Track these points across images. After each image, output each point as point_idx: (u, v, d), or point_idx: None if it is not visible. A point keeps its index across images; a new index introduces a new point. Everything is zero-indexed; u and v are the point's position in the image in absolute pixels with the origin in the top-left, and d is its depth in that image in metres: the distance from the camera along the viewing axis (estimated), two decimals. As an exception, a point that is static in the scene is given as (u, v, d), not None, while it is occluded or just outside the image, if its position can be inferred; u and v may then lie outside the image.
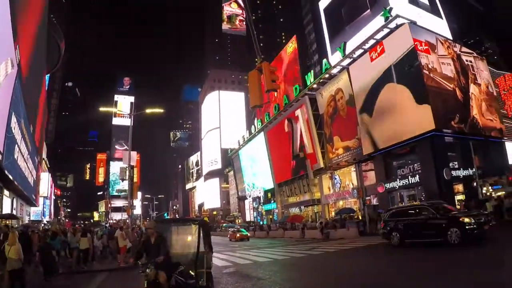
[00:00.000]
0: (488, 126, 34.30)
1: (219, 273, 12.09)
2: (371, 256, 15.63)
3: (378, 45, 31.93)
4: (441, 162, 27.62)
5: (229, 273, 12.12)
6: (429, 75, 28.38)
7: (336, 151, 37.87)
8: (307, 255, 17.21)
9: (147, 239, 6.79)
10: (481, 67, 37.81)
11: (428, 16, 35.39)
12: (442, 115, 28.04)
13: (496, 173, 34.92)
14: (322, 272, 11.89)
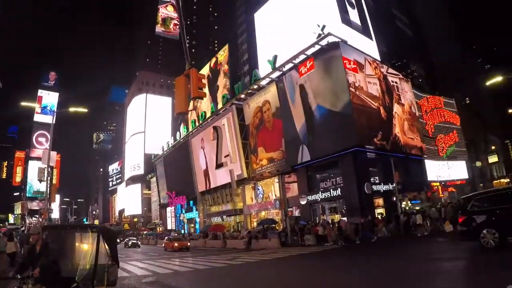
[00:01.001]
0: (409, 144, 37.29)
1: (138, 282, 12.00)
2: (285, 265, 16.05)
3: (308, 61, 33.32)
4: (362, 176, 29.33)
5: (148, 283, 11.94)
6: (355, 93, 30.23)
7: (260, 162, 38.69)
8: (228, 265, 17.28)
9: (33, 248, 5.92)
10: (405, 88, 41.19)
11: (359, 36, 37.86)
12: (366, 132, 30.04)
13: (415, 188, 38.14)
14: (242, 282, 12.06)
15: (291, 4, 38.92)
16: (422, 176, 40.77)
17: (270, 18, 41.93)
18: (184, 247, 32.85)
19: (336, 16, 35.85)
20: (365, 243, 22.39)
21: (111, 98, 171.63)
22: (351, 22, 38.17)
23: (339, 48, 31.20)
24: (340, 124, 29.74)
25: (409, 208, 31.42)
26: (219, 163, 45.39)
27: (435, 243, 18.50)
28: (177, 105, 9.65)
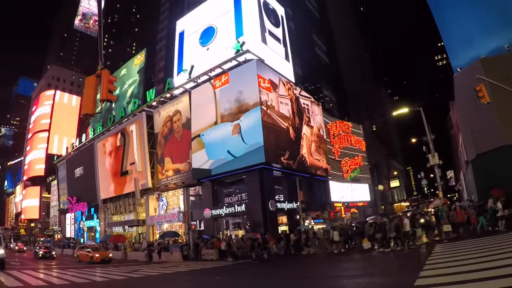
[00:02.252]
0: (315, 165, 40.04)
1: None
2: (185, 281, 16.33)
3: (224, 75, 34.57)
4: (267, 194, 30.80)
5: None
6: (266, 111, 32.00)
7: (166, 173, 38.78)
8: (128, 277, 17.24)
9: None
10: (316, 111, 44.68)
11: (277, 57, 39.88)
12: (273, 150, 31.63)
13: (319, 208, 41.18)
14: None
15: (214, 16, 40.11)
16: (326, 197, 44.10)
17: (192, 28, 42.58)
18: (106, 258, 29.10)
19: (256, 34, 37.42)
20: (260, 259, 23.36)
21: (19, 90, 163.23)
22: (271, 42, 39.98)
23: (255, 66, 32.82)
24: (249, 141, 31.35)
25: (307, 225, 33.09)
26: (124, 171, 44.32)
27: (329, 261, 19.83)
28: (84, 106, 9.35)
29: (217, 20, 39.49)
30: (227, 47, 35.32)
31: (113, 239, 38.39)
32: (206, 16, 41.19)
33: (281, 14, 43.88)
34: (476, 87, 18.01)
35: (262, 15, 38.94)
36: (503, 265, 8.85)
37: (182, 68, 40.38)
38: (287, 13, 48.87)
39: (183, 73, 39.35)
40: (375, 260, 17.40)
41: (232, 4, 38.33)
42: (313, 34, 78.29)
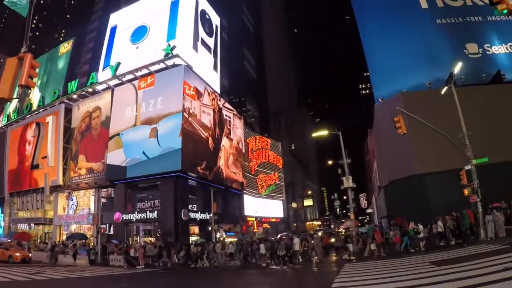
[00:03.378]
0: (231, 178, 41.37)
1: None
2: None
3: (150, 77, 34.72)
4: (181, 202, 31.32)
5: None
6: (188, 119, 32.66)
7: (78, 171, 37.52)
8: (31, 279, 16.64)
9: None
10: (237, 124, 46.32)
11: (205, 66, 40.74)
12: (191, 159, 32.31)
13: (231, 221, 42.56)
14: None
15: (149, 15, 39.75)
16: (240, 210, 45.50)
17: (125, 24, 41.76)
18: (27, 258, 26.69)
19: (188, 40, 38.02)
20: (167, 269, 23.56)
21: None
22: (202, 50, 40.77)
23: (183, 72, 33.47)
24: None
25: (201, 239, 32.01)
26: (34, 164, 41.62)
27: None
28: (0, 89, 8.93)
29: (151, 20, 39.28)
30: (157, 49, 35.37)
31: (17, 236, 35.61)
32: (142, 14, 40.74)
33: (216, 23, 45.11)
34: (394, 118, 19.93)
35: (197, 23, 39.78)
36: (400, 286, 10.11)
37: (109, 63, 39.38)
38: (222, 23, 50.28)
39: (108, 69, 38.49)
40: (275, 277, 18.07)
41: (169, 6, 38.51)
42: (244, 48, 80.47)
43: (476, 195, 20.38)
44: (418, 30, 38.26)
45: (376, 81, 39.36)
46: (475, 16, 38.45)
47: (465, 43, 37.24)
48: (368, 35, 39.86)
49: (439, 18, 38.51)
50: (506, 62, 37.00)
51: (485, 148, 23.34)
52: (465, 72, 33.26)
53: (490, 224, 19.64)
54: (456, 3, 39.06)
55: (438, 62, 34.97)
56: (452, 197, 24.08)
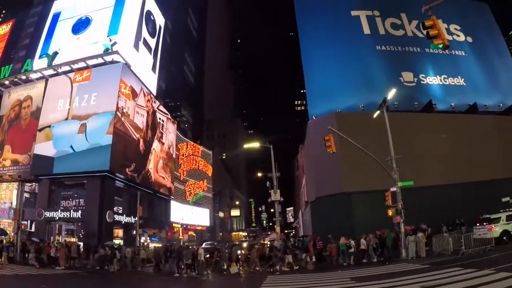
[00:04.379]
0: (159, 183, 41.48)
1: None
2: None
3: (87, 70, 34.27)
4: (107, 203, 31.09)
5: None
6: (121, 118, 32.59)
7: (3, 162, 35.80)
8: None
9: None
10: (170, 128, 46.49)
11: (144, 66, 40.93)
12: (120, 160, 32.26)
13: (157, 226, 42.50)
14: None
15: (94, 7, 38.49)
16: (166, 216, 45.43)
17: (69, 13, 40.17)
18: None
19: (130, 38, 38.04)
20: (88, 271, 22.91)
21: None
22: (143, 50, 40.98)
23: (120, 69, 33.49)
24: (97, 145, 31.35)
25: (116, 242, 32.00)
26: None
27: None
28: None
29: (96, 12, 38.45)
30: (97, 43, 35.15)
31: None
32: (87, 4, 39.66)
33: (160, 24, 45.41)
34: (325, 137, 20.65)
35: (141, 22, 39.94)
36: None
37: (46, 51, 37.78)
38: (167, 25, 50.58)
39: (45, 58, 37.16)
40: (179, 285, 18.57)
41: (114, 1, 38.29)
42: (186, 52, 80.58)
43: (400, 216, 21.46)
44: (358, 54, 40.21)
45: (311, 99, 40.35)
46: (413, 47, 41.98)
47: (402, 71, 40.06)
48: (309, 53, 41.21)
49: (380, 45, 41.14)
50: (438, 92, 40.64)
51: (411, 172, 24.95)
52: (399, 99, 35.52)
53: (412, 244, 20.93)
54: (397, 33, 42.39)
55: (374, 86, 36.93)
56: (377, 216, 25.01)
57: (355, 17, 42.56)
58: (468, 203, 29.69)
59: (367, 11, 42.86)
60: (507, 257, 15.23)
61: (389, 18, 43.00)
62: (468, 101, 40.64)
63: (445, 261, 17.14)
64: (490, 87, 43.22)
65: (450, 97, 40.91)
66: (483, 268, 12.89)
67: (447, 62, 42.79)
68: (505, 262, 13.67)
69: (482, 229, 20.84)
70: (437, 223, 27.34)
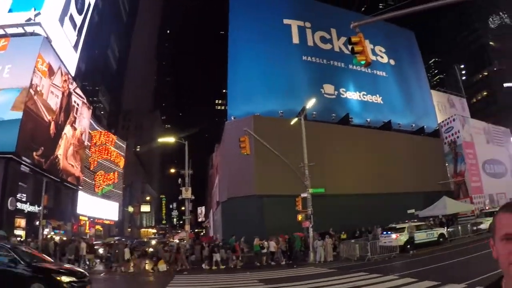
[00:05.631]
0: (68, 171, 38.96)
1: None
2: None
3: (4, 39, 31.36)
4: (9, 189, 28.36)
5: None
6: (33, 96, 30.06)
7: None
8: None
9: None
10: (85, 114, 43.84)
11: (66, 43, 38.55)
12: (28, 142, 29.76)
13: (62, 218, 39.80)
14: None
15: None
16: (73, 207, 42.91)
17: None
18: None
19: (56, 11, 35.71)
20: None
21: None
22: (67, 26, 38.65)
23: (40, 43, 31.17)
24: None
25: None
26: None
27: None
28: None
29: None
30: (21, 11, 32.67)
31: None
32: None
33: (90, 1, 43.19)
34: (240, 138, 20.99)
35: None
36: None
37: None
38: (97, 3, 48.17)
39: None
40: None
41: None
42: (112, 35, 77.13)
43: (309, 221, 22.67)
44: (284, 61, 41.41)
45: (232, 100, 40.56)
46: (338, 62, 44.45)
47: (324, 83, 42.18)
48: (236, 54, 41.26)
49: (306, 55, 42.98)
50: (356, 107, 43.51)
51: (323, 180, 26.77)
52: (318, 109, 37.27)
53: (320, 249, 22.26)
54: (324, 46, 44.61)
55: (295, 94, 38.19)
56: (288, 220, 26.08)
57: (287, 26, 43.99)
58: (377, 212, 32.11)
59: (299, 22, 44.50)
60: (410, 264, 17.02)
61: (319, 32, 45.11)
62: (383, 119, 44.27)
63: (351, 266, 18.57)
64: (405, 108, 47.41)
65: (367, 112, 44.10)
66: (387, 274, 14.18)
67: (368, 80, 45.97)
68: (409, 268, 15.23)
69: (388, 237, 23.11)
70: (346, 230, 30.06)
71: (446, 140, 47.18)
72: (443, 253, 20.10)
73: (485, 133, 50.80)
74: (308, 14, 45.20)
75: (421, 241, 23.60)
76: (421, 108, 49.86)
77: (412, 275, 13.15)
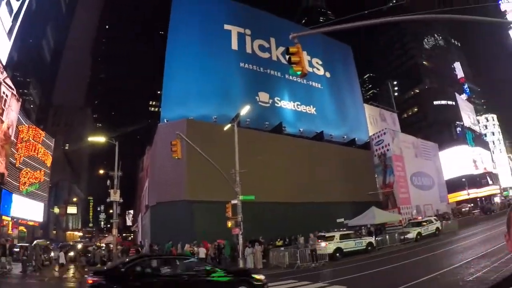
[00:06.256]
0: None
1: None
2: None
3: None
4: None
5: None
6: None
7: None
8: None
9: None
10: (13, 106, 41.45)
11: (1, 28, 37.27)
12: None
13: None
14: None
15: None
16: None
17: None
18: None
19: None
20: None
21: None
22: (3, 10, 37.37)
23: None
24: None
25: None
26: None
27: None
28: None
29: None
30: None
31: None
32: None
33: None
34: (172, 141, 20.81)
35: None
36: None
37: None
38: None
39: None
40: None
41: None
42: (49, 25, 73.97)
43: (239, 228, 22.71)
44: (222, 66, 41.61)
45: (166, 102, 40.02)
46: (275, 71, 45.74)
47: (259, 91, 43.09)
48: (173, 56, 40.86)
49: (244, 62, 43.61)
50: (290, 117, 44.94)
51: (254, 187, 26.86)
52: (252, 116, 37.80)
53: (249, 256, 22.83)
54: (263, 54, 45.80)
55: (230, 100, 38.66)
56: (218, 226, 26.06)
57: (227, 31, 44.61)
58: (307, 221, 33.57)
59: (240, 28, 45.32)
60: (339, 272, 17.80)
61: (259, 40, 46.29)
62: (316, 129, 45.99)
63: (281, 274, 19.07)
64: (338, 120, 49.81)
65: (300, 122, 45.69)
66: (317, 281, 14.81)
67: (303, 91, 47.87)
68: (338, 276, 15.99)
69: (317, 245, 24.00)
70: (276, 237, 30.75)
71: (376, 153, 50.65)
72: (371, 261, 21.23)
73: (414, 147, 55.12)
74: (249, 21, 46.17)
75: (350, 249, 24.90)
76: (354, 121, 52.69)
77: (341, 282, 13.94)
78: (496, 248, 16.46)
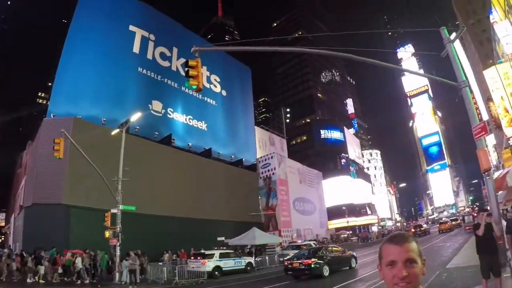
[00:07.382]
0: None
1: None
2: None
3: None
4: None
5: None
6: None
7: None
8: None
9: None
10: None
11: None
12: None
13: None
14: None
15: None
16: None
17: None
18: None
19: None
20: None
21: None
22: None
23: None
24: None
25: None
26: None
27: None
28: None
29: None
30: None
31: None
32: None
33: None
34: (55, 139, 20.10)
35: None
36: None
37: None
38: None
39: None
40: None
41: None
42: None
43: (117, 238, 22.32)
44: (119, 68, 40.37)
45: (56, 96, 37.70)
46: (172, 81, 45.64)
47: (153, 99, 42.61)
48: (72, 48, 38.70)
49: (142, 67, 42.73)
50: (180, 130, 45.09)
51: (137, 198, 27.04)
52: (142, 124, 37.55)
53: (126, 270, 22.30)
54: (163, 63, 45.52)
55: (122, 105, 37.64)
56: (96, 235, 24.86)
57: (132, 32, 43.54)
58: (189, 237, 34.08)
59: (145, 32, 44.65)
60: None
61: (161, 47, 46.16)
62: (205, 145, 46.83)
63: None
64: (227, 139, 51.13)
65: (189, 137, 46.17)
66: None
67: (197, 106, 48.48)
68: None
69: (196, 263, 24.42)
70: (157, 252, 30.64)
71: (262, 175, 53.30)
72: (250, 281, 22.11)
73: (299, 173, 59.07)
74: (155, 26, 45.73)
75: (229, 268, 25.59)
76: (243, 141, 54.38)
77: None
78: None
